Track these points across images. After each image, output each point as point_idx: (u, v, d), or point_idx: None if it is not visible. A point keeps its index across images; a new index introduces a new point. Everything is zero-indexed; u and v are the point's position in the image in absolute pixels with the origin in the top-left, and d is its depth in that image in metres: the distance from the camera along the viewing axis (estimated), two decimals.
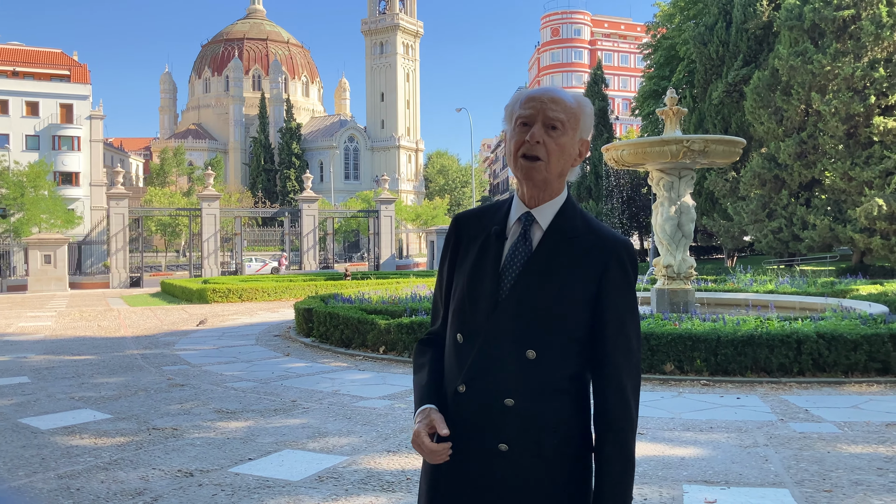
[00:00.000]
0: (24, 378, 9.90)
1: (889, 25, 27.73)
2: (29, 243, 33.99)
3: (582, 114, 1.88)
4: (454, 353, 1.90)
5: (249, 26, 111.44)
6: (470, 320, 1.87)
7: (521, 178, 1.87)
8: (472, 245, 1.93)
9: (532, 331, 1.81)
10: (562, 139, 1.84)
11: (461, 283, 1.91)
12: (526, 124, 1.85)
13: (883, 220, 27.24)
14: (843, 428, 6.54)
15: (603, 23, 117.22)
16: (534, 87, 16.14)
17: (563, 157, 1.85)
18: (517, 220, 1.90)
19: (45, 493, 5.03)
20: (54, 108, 65.26)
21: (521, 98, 1.89)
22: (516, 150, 1.85)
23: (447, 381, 1.92)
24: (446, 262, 2.01)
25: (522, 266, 1.85)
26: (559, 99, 1.86)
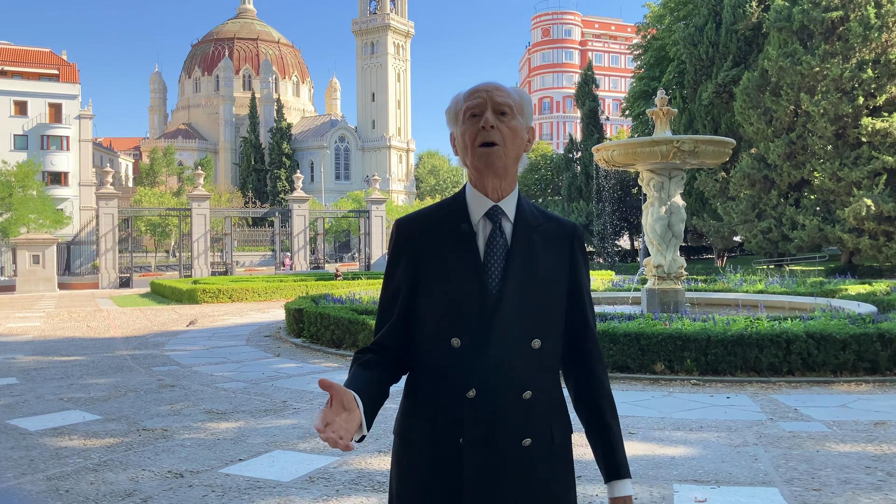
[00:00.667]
0: (12, 379, 9.84)
1: (877, 27, 27.92)
2: (17, 243, 33.80)
3: (523, 101, 1.89)
4: (450, 360, 1.82)
5: (240, 26, 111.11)
6: (468, 321, 1.81)
7: (483, 167, 1.84)
8: (435, 248, 1.86)
9: (534, 321, 1.84)
10: (512, 122, 1.85)
11: (442, 289, 1.84)
12: (475, 115, 1.84)
13: (871, 220, 27.43)
14: (831, 427, 6.57)
15: (593, 23, 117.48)
16: (523, 87, 16.21)
17: (516, 140, 1.86)
18: (484, 215, 1.86)
19: (33, 495, 5.00)
20: (43, 107, 64.87)
21: (465, 94, 1.89)
22: (472, 141, 1.83)
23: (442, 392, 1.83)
24: (400, 273, 1.90)
25: (506, 259, 1.84)
26: (501, 87, 1.88)
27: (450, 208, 1.91)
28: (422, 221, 1.92)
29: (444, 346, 1.83)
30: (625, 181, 46.83)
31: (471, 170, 1.88)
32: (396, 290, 1.92)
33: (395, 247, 1.93)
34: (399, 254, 1.91)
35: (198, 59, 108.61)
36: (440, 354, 1.84)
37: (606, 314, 10.73)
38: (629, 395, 8.04)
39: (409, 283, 1.89)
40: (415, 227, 1.91)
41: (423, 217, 1.94)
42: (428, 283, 1.86)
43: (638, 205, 42.95)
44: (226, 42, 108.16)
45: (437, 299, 1.85)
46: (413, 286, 1.89)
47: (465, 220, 1.87)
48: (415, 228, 1.91)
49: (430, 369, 1.87)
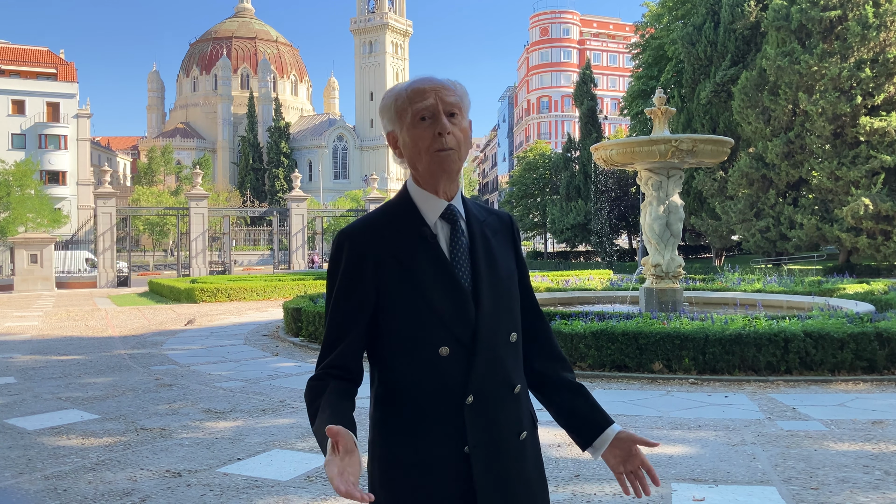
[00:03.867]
0: (10, 378, 9.83)
1: (875, 26, 27.94)
2: (15, 243, 33.76)
3: (465, 94, 1.86)
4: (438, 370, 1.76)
5: (238, 25, 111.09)
6: (452, 329, 1.76)
7: (438, 171, 1.79)
8: (401, 256, 1.78)
9: (508, 314, 1.87)
10: (463, 123, 1.82)
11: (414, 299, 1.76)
12: (425, 118, 1.78)
13: (869, 219, 27.46)
14: (829, 426, 6.58)
15: (592, 23, 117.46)
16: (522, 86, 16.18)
17: (467, 141, 1.83)
18: (440, 216, 1.82)
19: (31, 495, 5.00)
20: (41, 106, 64.84)
21: (407, 92, 1.81)
22: (428, 147, 1.77)
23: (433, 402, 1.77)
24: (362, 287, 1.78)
25: (471, 258, 1.83)
26: (447, 85, 1.82)
27: (401, 213, 1.84)
28: (374, 230, 1.82)
29: (430, 357, 1.76)
30: (623, 180, 46.85)
31: (422, 173, 1.82)
32: (358, 306, 1.80)
33: (348, 260, 1.80)
34: (355, 267, 1.79)
35: (196, 58, 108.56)
36: (426, 365, 1.77)
37: (605, 313, 10.73)
38: (627, 395, 8.05)
39: (373, 296, 1.79)
40: (368, 237, 1.81)
41: (372, 225, 1.84)
42: (396, 295, 1.77)
43: (636, 204, 42.99)
44: (224, 41, 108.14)
45: (413, 310, 1.77)
46: (378, 299, 1.79)
47: (422, 223, 1.81)
48: (368, 238, 1.81)
49: (415, 382, 1.78)
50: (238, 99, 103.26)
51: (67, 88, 66.41)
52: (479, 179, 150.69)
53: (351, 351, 1.84)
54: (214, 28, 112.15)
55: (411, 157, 1.82)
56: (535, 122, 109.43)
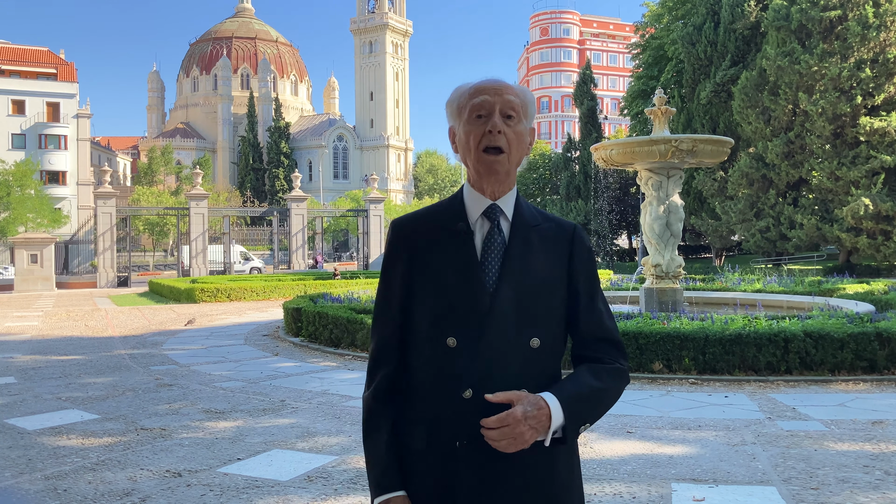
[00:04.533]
0: (10, 378, 9.83)
1: (875, 26, 27.95)
2: (15, 243, 33.76)
3: (528, 101, 1.87)
4: (445, 361, 1.78)
5: (238, 25, 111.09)
6: (464, 320, 1.78)
7: (484, 172, 1.81)
8: (431, 248, 1.83)
9: (531, 319, 1.80)
10: (518, 127, 1.83)
11: (438, 288, 1.81)
12: (481, 115, 1.80)
13: (869, 219, 27.46)
14: (829, 426, 6.58)
15: (592, 23, 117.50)
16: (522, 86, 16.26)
17: (520, 145, 1.84)
18: (482, 214, 1.84)
19: (31, 494, 5.00)
20: (41, 106, 64.81)
21: (470, 90, 1.84)
22: (477, 144, 1.80)
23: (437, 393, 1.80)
24: (398, 276, 1.86)
25: (503, 257, 1.81)
26: (510, 86, 1.84)
27: (447, 208, 1.89)
28: (418, 221, 1.90)
29: (440, 346, 1.79)
30: (623, 180, 46.85)
31: (471, 171, 1.85)
32: (394, 295, 1.88)
33: (390, 247, 1.90)
34: (395, 254, 1.88)
35: (196, 58, 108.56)
36: (435, 355, 1.80)
37: None
38: (627, 394, 8.04)
39: (405, 283, 1.86)
40: (411, 227, 1.88)
41: (419, 217, 1.91)
42: (423, 283, 1.83)
43: (636, 204, 42.98)
44: (224, 41, 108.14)
45: (433, 299, 1.82)
46: (409, 287, 1.85)
47: (462, 218, 1.85)
48: (411, 228, 1.88)
49: (426, 370, 1.83)
50: (238, 99, 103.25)
51: (67, 88, 66.38)
52: None
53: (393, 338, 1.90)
54: (214, 28, 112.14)
55: (463, 154, 1.85)
56: (534, 121, 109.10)
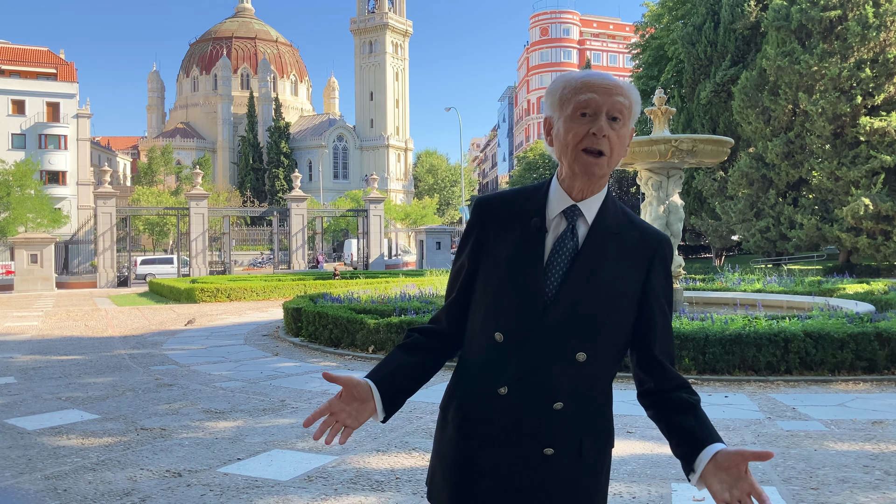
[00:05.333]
0: (10, 378, 9.83)
1: (875, 26, 27.94)
2: (15, 242, 33.77)
3: (634, 102, 1.77)
4: (490, 353, 1.78)
5: (238, 25, 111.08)
6: (513, 320, 1.75)
7: (580, 172, 1.73)
8: (503, 235, 1.79)
9: (584, 332, 1.73)
10: (622, 130, 1.74)
11: (497, 279, 1.78)
12: (586, 114, 1.71)
13: (869, 219, 27.46)
14: (829, 426, 6.58)
15: (592, 23, 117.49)
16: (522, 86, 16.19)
17: (622, 149, 1.75)
18: (561, 213, 1.77)
19: (31, 494, 5.00)
20: (41, 106, 64.82)
21: (576, 83, 1.74)
22: (577, 143, 1.71)
23: (480, 382, 1.80)
24: (467, 251, 1.85)
25: (570, 263, 1.74)
26: (620, 86, 1.74)
27: (531, 197, 1.82)
28: (500, 203, 1.85)
29: (489, 338, 1.78)
30: (623, 180, 46.85)
31: (565, 167, 1.77)
32: (460, 268, 1.87)
33: (469, 224, 1.87)
34: (470, 232, 1.86)
35: (196, 58, 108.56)
36: (484, 345, 1.80)
37: None
38: (627, 395, 8.02)
39: (472, 263, 1.84)
40: (491, 208, 1.84)
41: (502, 199, 1.86)
42: (487, 270, 1.81)
43: (636, 204, 42.99)
44: (224, 41, 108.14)
45: (492, 289, 1.79)
46: (475, 268, 1.84)
47: (539, 213, 1.78)
48: (491, 209, 1.84)
49: (474, 357, 1.84)
50: (238, 99, 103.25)
51: (67, 88, 66.39)
52: (479, 179, 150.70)
53: (447, 310, 1.90)
54: (214, 28, 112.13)
55: (560, 149, 1.76)
56: (535, 122, 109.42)
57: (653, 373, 1.83)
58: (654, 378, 1.83)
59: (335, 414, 1.75)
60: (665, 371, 1.82)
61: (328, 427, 1.76)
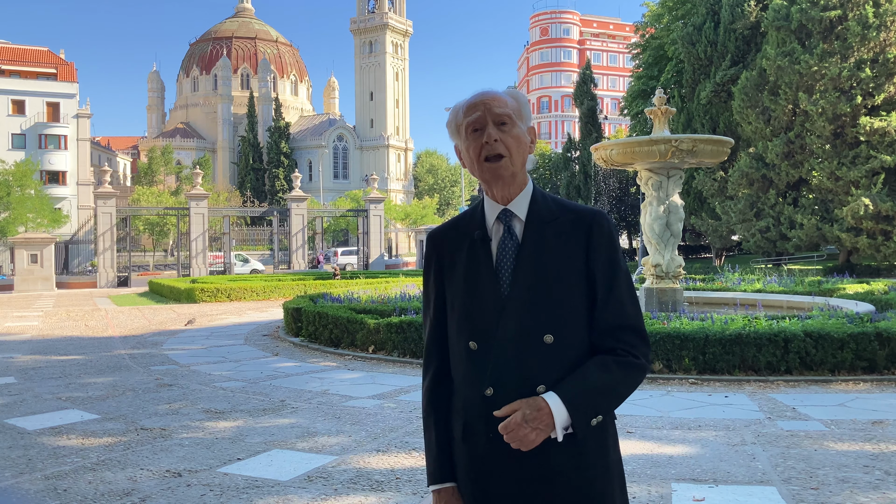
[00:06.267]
0: (10, 378, 9.83)
1: (875, 26, 27.93)
2: (15, 243, 33.77)
3: (520, 104, 1.94)
4: (469, 363, 1.91)
5: (238, 25, 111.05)
6: (479, 325, 1.89)
7: (490, 179, 1.91)
8: (456, 256, 1.96)
9: (542, 316, 1.85)
10: (514, 131, 1.90)
11: (459, 294, 1.94)
12: (476, 129, 1.90)
13: (869, 219, 27.45)
14: (829, 426, 6.58)
15: (592, 23, 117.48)
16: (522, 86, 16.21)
17: (520, 147, 1.91)
18: (496, 219, 1.93)
19: (31, 494, 5.00)
20: (41, 106, 64.80)
21: (461, 109, 1.94)
22: (478, 156, 1.90)
23: (467, 391, 1.91)
24: (431, 283, 2.03)
25: (515, 258, 1.89)
26: (497, 96, 1.92)
27: (470, 217, 2.00)
28: (446, 231, 2.03)
29: (465, 348, 1.92)
30: (623, 180, 46.84)
31: (481, 182, 1.95)
32: (428, 300, 2.05)
33: (426, 258, 2.06)
34: (428, 267, 2.04)
35: (196, 58, 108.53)
36: (463, 357, 1.93)
37: None
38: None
39: (437, 289, 2.02)
40: (440, 237, 2.03)
41: (447, 227, 2.04)
42: (450, 289, 1.97)
43: (636, 204, 42.98)
44: (224, 41, 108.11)
45: (457, 304, 1.95)
46: (441, 292, 2.01)
47: (480, 226, 1.95)
48: (440, 238, 2.03)
49: (458, 369, 1.96)
50: (238, 99, 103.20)
51: (67, 88, 66.37)
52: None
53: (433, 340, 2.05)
54: (214, 28, 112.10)
55: (469, 167, 1.96)
56: (535, 122, 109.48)
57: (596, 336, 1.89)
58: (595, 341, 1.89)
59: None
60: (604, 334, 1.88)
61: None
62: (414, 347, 10.73)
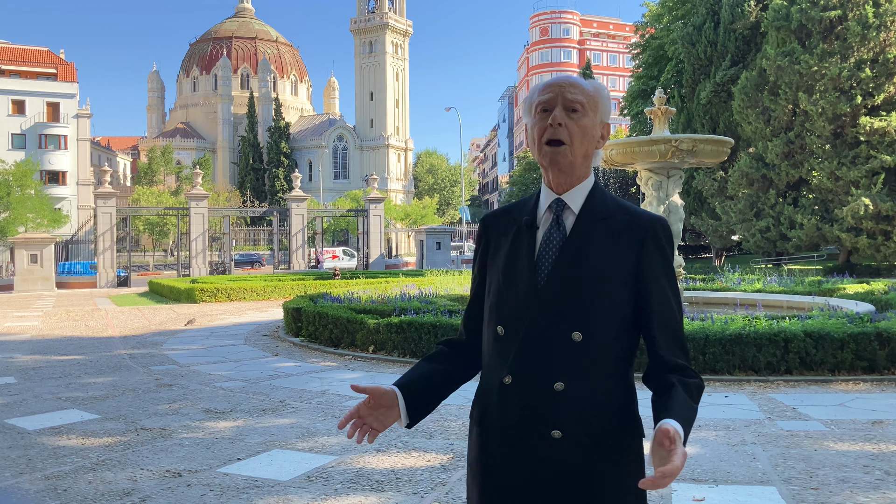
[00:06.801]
0: (10, 378, 9.83)
1: (875, 26, 27.93)
2: (15, 243, 33.76)
3: (599, 96, 1.91)
4: (495, 348, 1.89)
5: (238, 25, 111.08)
6: (510, 311, 1.86)
7: (547, 164, 1.87)
8: (502, 240, 1.94)
9: (575, 312, 1.81)
10: (583, 121, 1.86)
11: (496, 278, 1.91)
12: (546, 110, 1.86)
13: (869, 219, 27.45)
14: (829, 426, 6.58)
15: (592, 23, 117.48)
16: (522, 86, 16.27)
17: (585, 139, 1.86)
18: (547, 207, 1.90)
19: (31, 494, 5.00)
20: (41, 106, 64.83)
21: (539, 87, 1.92)
22: (539, 137, 1.86)
23: (490, 376, 1.90)
24: (476, 264, 2.03)
25: (558, 251, 1.84)
26: (576, 83, 1.89)
27: (525, 203, 1.98)
28: (497, 216, 2.02)
29: (493, 333, 1.90)
30: (623, 180, 46.84)
31: (539, 164, 1.92)
32: (473, 280, 2.05)
33: (475, 243, 2.05)
34: (476, 250, 2.05)
35: (196, 58, 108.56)
36: (490, 341, 1.92)
37: None
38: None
39: (480, 273, 2.01)
40: (489, 223, 2.02)
41: (501, 212, 2.02)
42: (491, 273, 1.95)
43: (636, 204, 42.93)
44: (224, 41, 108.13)
45: (494, 289, 1.92)
46: (481, 280, 2.00)
47: (531, 213, 1.92)
48: (490, 222, 2.02)
49: (485, 352, 1.95)
50: (238, 99, 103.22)
51: (67, 88, 66.39)
52: (479, 179, 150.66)
53: (467, 322, 2.06)
54: (214, 28, 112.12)
55: (531, 148, 1.92)
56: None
57: (651, 348, 1.88)
58: (651, 355, 1.89)
59: (362, 418, 1.89)
60: (660, 348, 1.86)
61: (357, 428, 1.90)
62: (414, 347, 10.73)
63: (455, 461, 5.64)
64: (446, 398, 2.02)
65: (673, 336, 1.87)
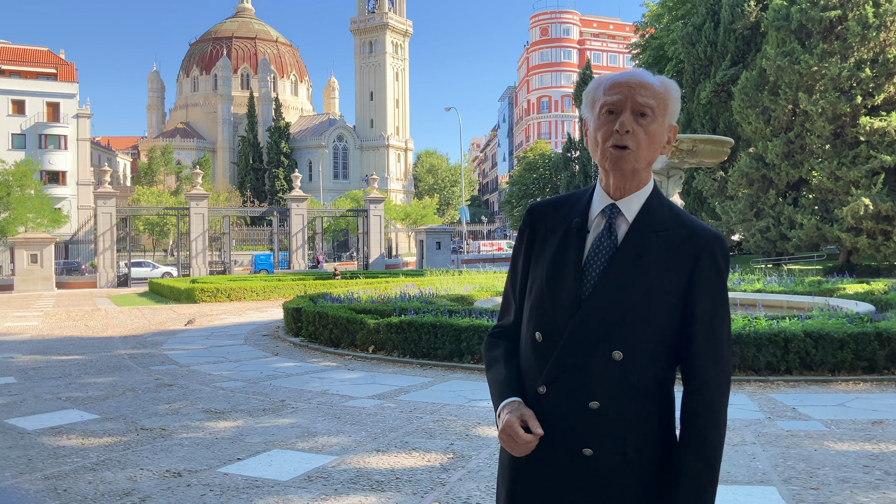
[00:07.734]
0: (10, 378, 9.83)
1: (875, 26, 27.92)
2: (15, 243, 33.77)
3: (670, 98, 1.77)
4: (532, 353, 1.80)
5: (238, 25, 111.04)
6: (550, 319, 1.76)
7: (610, 168, 1.75)
8: (549, 237, 1.82)
9: (619, 330, 1.70)
10: (651, 126, 1.73)
11: (539, 279, 1.80)
12: (612, 112, 1.73)
13: (869, 219, 27.44)
14: (829, 426, 6.58)
15: (592, 23, 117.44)
16: (522, 86, 16.27)
17: (652, 145, 1.74)
18: (600, 212, 1.78)
19: (31, 494, 5.00)
20: (41, 106, 64.81)
21: (606, 83, 1.78)
22: (604, 140, 1.73)
23: (527, 380, 1.81)
24: (521, 256, 1.89)
25: (607, 261, 1.74)
26: (647, 83, 1.74)
27: (577, 199, 1.86)
28: (548, 207, 1.89)
29: (531, 338, 1.81)
30: None
31: (599, 166, 1.81)
32: (513, 275, 1.93)
33: (519, 232, 1.93)
34: (520, 239, 1.91)
35: (196, 58, 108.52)
36: (528, 345, 1.82)
37: None
38: None
39: (522, 269, 1.89)
40: (537, 214, 1.89)
41: (551, 204, 1.89)
42: (535, 270, 1.84)
43: None
44: (224, 41, 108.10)
45: (536, 290, 1.81)
46: (524, 273, 1.88)
47: (583, 214, 1.81)
48: (539, 214, 1.88)
49: (523, 358, 1.85)
50: (238, 99, 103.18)
51: (67, 88, 66.38)
52: (479, 179, 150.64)
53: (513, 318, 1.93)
54: (214, 28, 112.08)
55: (591, 148, 1.81)
56: (535, 122, 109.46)
57: (687, 370, 1.77)
58: (686, 378, 1.77)
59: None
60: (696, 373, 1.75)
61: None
62: (414, 347, 10.73)
63: (455, 461, 5.64)
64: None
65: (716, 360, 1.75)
